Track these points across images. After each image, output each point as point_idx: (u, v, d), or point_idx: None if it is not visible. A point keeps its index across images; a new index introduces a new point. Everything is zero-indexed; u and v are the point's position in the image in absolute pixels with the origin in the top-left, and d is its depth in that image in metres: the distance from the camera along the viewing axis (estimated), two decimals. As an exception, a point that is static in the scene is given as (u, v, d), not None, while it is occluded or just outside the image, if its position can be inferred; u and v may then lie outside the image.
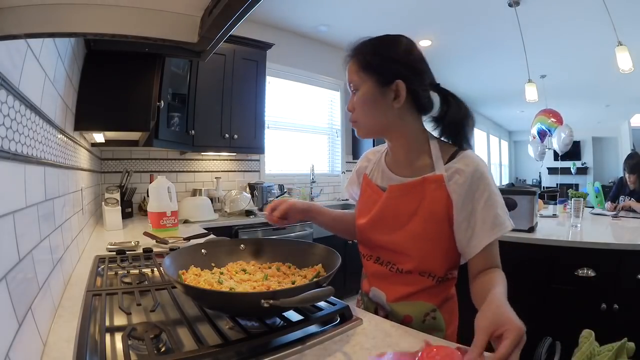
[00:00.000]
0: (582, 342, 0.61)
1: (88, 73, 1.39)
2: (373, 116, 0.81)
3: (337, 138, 4.26)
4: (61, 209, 0.96)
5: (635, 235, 2.03)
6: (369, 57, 0.80)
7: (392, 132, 0.84)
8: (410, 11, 3.28)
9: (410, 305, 0.81)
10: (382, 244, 0.84)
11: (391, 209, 0.82)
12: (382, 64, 0.79)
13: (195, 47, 0.62)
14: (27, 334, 0.54)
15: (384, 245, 0.83)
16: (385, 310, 0.85)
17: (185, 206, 2.39)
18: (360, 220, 0.89)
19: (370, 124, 0.83)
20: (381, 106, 0.79)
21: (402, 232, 0.80)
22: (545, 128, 4.59)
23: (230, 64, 2.79)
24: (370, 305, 0.90)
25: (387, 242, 0.82)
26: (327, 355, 0.61)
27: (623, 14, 2.92)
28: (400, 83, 0.77)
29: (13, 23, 0.46)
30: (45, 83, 0.81)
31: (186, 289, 0.67)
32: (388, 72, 0.78)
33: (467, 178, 0.75)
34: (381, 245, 0.84)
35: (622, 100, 6.26)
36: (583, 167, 8.87)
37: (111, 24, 0.54)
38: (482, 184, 0.75)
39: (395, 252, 0.82)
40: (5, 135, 0.52)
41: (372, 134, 0.87)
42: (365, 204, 0.90)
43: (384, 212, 0.83)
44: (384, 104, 0.79)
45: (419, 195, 0.79)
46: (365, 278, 0.94)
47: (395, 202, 0.82)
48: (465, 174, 0.76)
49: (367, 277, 0.91)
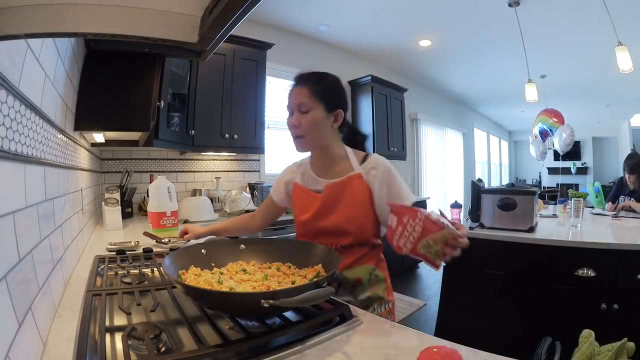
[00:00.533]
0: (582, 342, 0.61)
1: (88, 73, 1.39)
2: (319, 134, 1.06)
3: (337, 138, 4.25)
4: (61, 209, 0.96)
5: (635, 235, 2.03)
6: (322, 88, 1.05)
7: (326, 146, 1.09)
8: (410, 11, 3.28)
9: (357, 270, 1.05)
10: (327, 228, 1.06)
11: (330, 202, 1.06)
12: (330, 95, 1.06)
13: (195, 47, 0.62)
14: (27, 334, 0.54)
15: (328, 229, 1.06)
16: (338, 280, 1.04)
17: (185, 206, 2.39)
18: (303, 216, 1.11)
19: (315, 140, 1.07)
20: (325, 127, 1.05)
21: (340, 216, 1.05)
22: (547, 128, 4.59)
23: (230, 64, 2.79)
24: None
25: (330, 226, 1.06)
26: (327, 355, 0.61)
27: (623, 14, 2.92)
28: (340, 112, 1.07)
29: (13, 23, 0.46)
30: (45, 83, 0.81)
31: (186, 289, 0.67)
32: (334, 102, 1.06)
33: (379, 172, 1.05)
34: (326, 229, 1.06)
35: (622, 100, 6.26)
36: (583, 167, 8.87)
37: (111, 24, 0.54)
38: (391, 175, 1.06)
39: (336, 233, 1.06)
40: (5, 135, 0.52)
41: (312, 147, 1.11)
42: (303, 204, 1.12)
43: (325, 204, 1.07)
44: (327, 126, 1.06)
45: (347, 189, 1.05)
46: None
47: (332, 196, 1.06)
48: (378, 170, 1.05)
49: None
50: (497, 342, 1.15)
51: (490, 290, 2.03)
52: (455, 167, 6.91)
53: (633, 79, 3.93)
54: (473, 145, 7.89)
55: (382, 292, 1.06)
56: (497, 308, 2.00)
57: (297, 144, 1.08)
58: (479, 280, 2.06)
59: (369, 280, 1.05)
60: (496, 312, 1.99)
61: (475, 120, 8.04)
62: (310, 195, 1.10)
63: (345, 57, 4.28)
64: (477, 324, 2.02)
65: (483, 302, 2.05)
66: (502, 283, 1.98)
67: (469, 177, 6.49)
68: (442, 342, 0.64)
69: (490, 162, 9.05)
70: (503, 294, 1.99)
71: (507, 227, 2.05)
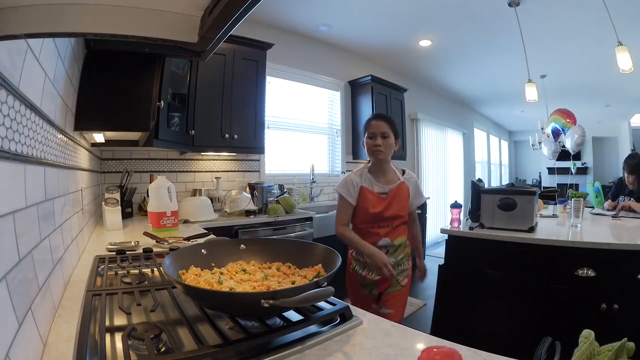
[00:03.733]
0: (582, 342, 0.61)
1: (88, 73, 1.39)
2: (390, 152, 1.67)
3: (337, 138, 4.26)
4: (61, 209, 0.96)
5: (635, 235, 2.03)
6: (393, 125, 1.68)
7: (389, 161, 1.71)
8: (410, 11, 3.28)
9: (401, 239, 1.69)
10: (389, 216, 1.65)
11: (392, 199, 1.66)
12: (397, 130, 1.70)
13: (195, 47, 0.62)
14: (27, 334, 0.54)
15: (390, 216, 1.65)
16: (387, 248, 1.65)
17: (185, 206, 2.39)
18: (374, 210, 1.63)
19: (388, 155, 1.67)
20: (393, 149, 1.68)
21: (398, 208, 1.67)
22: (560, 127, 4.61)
23: (230, 64, 2.79)
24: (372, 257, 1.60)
25: (392, 214, 1.65)
26: (327, 355, 0.61)
27: (623, 14, 2.92)
28: (398, 140, 1.71)
29: (13, 23, 0.46)
30: (45, 83, 0.81)
31: (186, 289, 0.67)
32: (397, 135, 1.70)
33: (412, 181, 1.74)
34: (388, 216, 1.65)
35: (622, 100, 6.26)
36: (583, 167, 8.87)
37: (111, 24, 0.54)
38: (417, 183, 1.77)
39: (394, 218, 1.66)
40: (5, 135, 0.52)
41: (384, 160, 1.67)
42: (372, 202, 1.65)
43: (391, 201, 1.65)
44: (394, 148, 1.68)
45: (400, 191, 1.68)
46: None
47: (394, 196, 1.67)
48: (412, 180, 1.75)
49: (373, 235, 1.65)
50: (497, 342, 1.15)
51: (490, 290, 2.03)
52: (455, 167, 6.90)
53: (633, 79, 3.93)
54: (473, 145, 7.89)
55: (408, 253, 1.73)
56: (497, 308, 2.00)
57: (377, 155, 1.64)
58: (479, 280, 2.06)
59: (404, 246, 1.70)
60: (496, 312, 2.00)
61: (475, 120, 8.04)
62: (377, 196, 1.65)
63: (345, 57, 4.28)
64: (477, 324, 2.02)
65: (483, 302, 2.05)
66: (502, 283, 1.98)
67: (469, 177, 6.49)
68: (442, 342, 0.64)
69: (490, 162, 9.04)
70: (503, 294, 1.99)
71: (507, 227, 2.05)
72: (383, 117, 1.68)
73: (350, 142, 4.32)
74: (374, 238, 1.64)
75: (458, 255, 2.16)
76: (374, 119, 1.68)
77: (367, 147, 1.67)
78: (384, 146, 1.63)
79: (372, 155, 1.66)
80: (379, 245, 1.63)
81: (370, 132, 1.65)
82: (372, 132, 1.64)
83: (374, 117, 1.69)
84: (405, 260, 1.69)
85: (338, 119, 4.25)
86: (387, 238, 1.65)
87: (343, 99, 4.26)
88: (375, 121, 1.66)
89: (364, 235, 1.64)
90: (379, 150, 1.63)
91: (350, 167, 4.32)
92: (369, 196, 1.64)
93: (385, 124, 1.64)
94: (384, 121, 1.65)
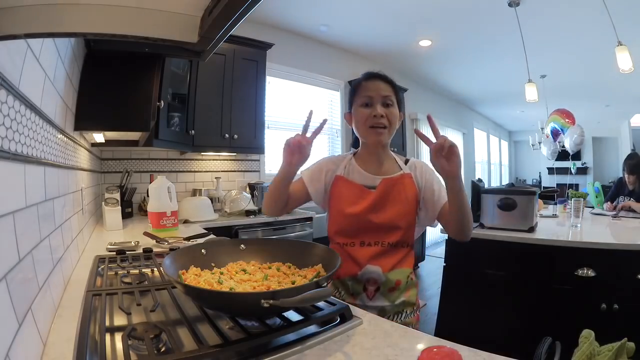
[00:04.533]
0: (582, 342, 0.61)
1: (88, 73, 1.39)
2: (394, 130, 1.09)
3: (337, 138, 4.26)
4: (61, 209, 0.96)
5: (635, 235, 2.03)
6: (398, 90, 1.11)
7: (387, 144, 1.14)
8: (410, 11, 3.28)
9: (399, 272, 1.05)
10: (377, 224, 1.05)
11: (384, 197, 1.06)
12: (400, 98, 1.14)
13: (195, 47, 0.62)
14: (27, 334, 0.54)
15: (379, 225, 1.05)
16: (378, 282, 1.04)
17: (185, 206, 2.39)
18: (351, 209, 1.06)
19: (391, 134, 1.09)
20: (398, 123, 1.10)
21: (393, 212, 1.05)
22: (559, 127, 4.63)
23: (230, 64, 2.79)
24: (357, 286, 1.05)
25: (382, 221, 1.04)
26: (327, 355, 0.61)
27: (623, 14, 2.92)
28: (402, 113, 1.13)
29: (13, 23, 0.46)
30: (45, 83, 0.81)
31: (186, 289, 0.67)
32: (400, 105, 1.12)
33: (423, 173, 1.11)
34: (376, 225, 1.05)
35: (622, 100, 6.26)
36: (583, 167, 8.86)
37: (111, 24, 0.54)
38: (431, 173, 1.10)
39: (386, 229, 1.05)
40: (5, 135, 0.52)
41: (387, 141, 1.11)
42: (350, 198, 1.08)
43: (380, 199, 1.06)
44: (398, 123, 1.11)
45: (400, 186, 1.08)
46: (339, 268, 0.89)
47: (387, 191, 1.07)
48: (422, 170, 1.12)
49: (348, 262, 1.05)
50: (497, 342, 1.15)
51: (490, 290, 2.03)
52: (455, 167, 6.89)
53: (633, 79, 3.93)
54: (473, 145, 7.89)
55: (414, 297, 1.09)
56: (497, 308, 2.00)
57: (377, 135, 1.06)
58: (479, 280, 2.06)
59: (406, 284, 1.06)
60: (496, 312, 1.99)
61: (475, 120, 8.04)
62: (359, 190, 1.08)
63: (345, 57, 4.27)
64: (477, 324, 2.02)
65: (483, 302, 2.05)
66: (502, 283, 1.98)
67: (469, 177, 6.49)
68: (442, 342, 0.64)
69: (490, 162, 9.04)
70: (503, 294, 1.99)
71: (507, 227, 2.05)
72: (382, 77, 1.08)
73: (350, 142, 4.31)
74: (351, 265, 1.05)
75: (458, 256, 2.16)
76: (369, 78, 1.08)
77: (359, 121, 1.07)
78: (387, 118, 1.04)
79: (368, 133, 1.06)
80: (362, 277, 1.04)
81: (366, 97, 1.05)
82: (369, 97, 1.05)
83: (369, 76, 1.09)
84: (409, 310, 1.06)
85: (338, 119, 4.24)
86: (374, 265, 1.03)
87: (343, 99, 4.26)
88: (373, 82, 1.07)
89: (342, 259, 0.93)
90: (379, 124, 1.04)
91: (350, 167, 4.31)
92: (343, 190, 1.09)
93: (386, 85, 1.07)
94: (385, 82, 1.07)
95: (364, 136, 1.10)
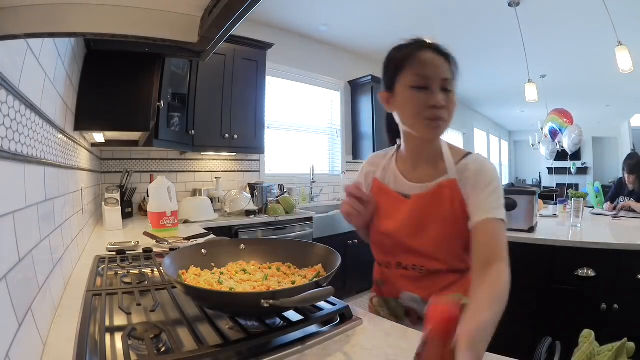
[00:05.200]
0: (582, 342, 0.61)
1: (88, 73, 1.39)
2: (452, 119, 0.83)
3: (337, 138, 4.26)
4: (61, 209, 0.96)
5: (635, 235, 2.02)
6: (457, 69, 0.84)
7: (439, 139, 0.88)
8: (410, 11, 3.28)
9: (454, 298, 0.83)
10: (411, 247, 0.85)
11: (419, 215, 0.84)
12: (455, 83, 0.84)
13: (195, 47, 0.62)
14: (27, 334, 0.54)
15: (413, 249, 0.84)
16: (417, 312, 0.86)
17: (185, 206, 2.39)
18: (386, 224, 0.88)
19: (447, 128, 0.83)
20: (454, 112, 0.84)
21: (427, 237, 0.82)
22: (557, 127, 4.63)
23: (230, 64, 2.79)
24: (399, 308, 0.90)
25: (421, 246, 0.83)
26: (327, 355, 0.61)
27: (623, 14, 2.92)
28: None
29: (13, 23, 0.46)
30: (45, 83, 0.81)
31: (186, 289, 0.67)
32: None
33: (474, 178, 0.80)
34: (410, 248, 0.85)
35: (622, 100, 6.26)
36: (583, 167, 8.87)
37: (111, 24, 0.54)
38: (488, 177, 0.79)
39: (422, 255, 0.84)
40: (5, 135, 0.52)
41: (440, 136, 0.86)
42: (386, 208, 0.89)
43: (411, 218, 0.84)
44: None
45: (438, 200, 0.82)
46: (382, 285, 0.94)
47: (421, 209, 0.84)
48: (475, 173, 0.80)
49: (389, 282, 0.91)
50: (497, 342, 1.15)
51: (490, 290, 2.02)
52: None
53: (633, 79, 3.93)
54: (473, 145, 7.89)
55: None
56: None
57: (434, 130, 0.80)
58: (479, 280, 2.05)
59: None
60: (496, 312, 1.99)
61: (475, 120, 8.04)
62: (395, 199, 0.88)
63: (345, 57, 4.28)
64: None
65: (483, 302, 2.05)
66: (502, 283, 1.98)
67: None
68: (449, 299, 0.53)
69: (490, 162, 9.03)
70: (503, 294, 1.98)
71: (507, 227, 2.04)
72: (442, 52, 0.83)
73: (350, 142, 4.31)
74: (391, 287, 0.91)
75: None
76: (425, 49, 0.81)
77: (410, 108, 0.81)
78: (448, 109, 0.80)
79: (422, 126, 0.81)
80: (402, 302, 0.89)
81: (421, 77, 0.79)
82: (426, 78, 0.79)
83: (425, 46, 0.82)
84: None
85: (338, 119, 4.24)
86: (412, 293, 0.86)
87: (343, 99, 4.26)
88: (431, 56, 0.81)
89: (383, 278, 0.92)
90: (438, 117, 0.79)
91: (350, 167, 4.32)
92: (379, 195, 0.91)
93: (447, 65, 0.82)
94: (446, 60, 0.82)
95: (415, 128, 0.83)
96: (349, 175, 4.22)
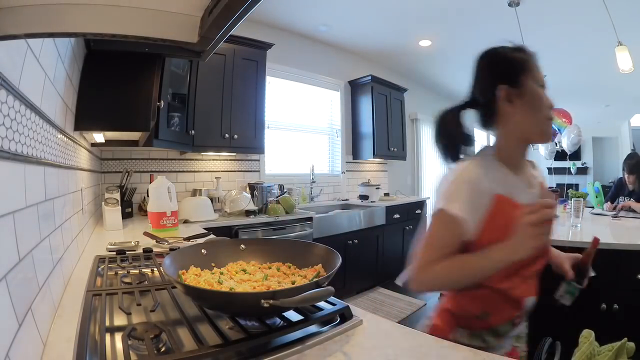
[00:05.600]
0: (582, 342, 0.61)
1: (88, 73, 1.39)
2: None
3: (337, 138, 4.26)
4: (61, 209, 0.96)
5: (635, 235, 2.02)
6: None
7: None
8: (410, 11, 3.28)
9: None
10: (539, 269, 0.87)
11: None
12: None
13: (195, 47, 0.62)
14: (27, 334, 0.54)
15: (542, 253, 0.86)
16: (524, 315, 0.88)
17: (185, 206, 2.39)
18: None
19: None
20: None
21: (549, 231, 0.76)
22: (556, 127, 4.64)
23: (230, 64, 2.79)
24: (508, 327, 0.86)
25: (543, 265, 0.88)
26: (327, 355, 0.61)
27: (623, 14, 2.92)
28: None
29: (13, 23, 0.46)
30: (45, 83, 0.81)
31: (186, 289, 0.67)
32: None
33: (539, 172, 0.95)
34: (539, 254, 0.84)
35: (622, 100, 6.26)
36: (583, 167, 8.86)
37: (111, 24, 0.54)
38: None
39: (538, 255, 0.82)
40: (5, 135, 0.52)
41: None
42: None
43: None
44: None
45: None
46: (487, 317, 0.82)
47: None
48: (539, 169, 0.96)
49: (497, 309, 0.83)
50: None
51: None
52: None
53: (633, 79, 3.93)
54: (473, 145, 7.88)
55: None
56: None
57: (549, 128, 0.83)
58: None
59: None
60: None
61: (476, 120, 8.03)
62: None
63: (345, 57, 4.28)
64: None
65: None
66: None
67: (469, 177, 6.47)
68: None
69: (490, 162, 9.02)
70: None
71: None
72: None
73: (350, 142, 4.32)
74: (509, 309, 0.83)
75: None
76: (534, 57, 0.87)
77: (540, 107, 0.80)
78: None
79: (547, 127, 0.82)
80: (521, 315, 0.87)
81: (541, 80, 0.83)
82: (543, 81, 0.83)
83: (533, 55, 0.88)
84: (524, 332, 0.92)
85: (338, 119, 4.25)
86: (532, 297, 0.86)
87: (343, 99, 4.26)
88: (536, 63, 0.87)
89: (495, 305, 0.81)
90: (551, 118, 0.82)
91: (350, 167, 4.32)
92: (510, 215, 0.75)
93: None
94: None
95: (541, 129, 0.80)
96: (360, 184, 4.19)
